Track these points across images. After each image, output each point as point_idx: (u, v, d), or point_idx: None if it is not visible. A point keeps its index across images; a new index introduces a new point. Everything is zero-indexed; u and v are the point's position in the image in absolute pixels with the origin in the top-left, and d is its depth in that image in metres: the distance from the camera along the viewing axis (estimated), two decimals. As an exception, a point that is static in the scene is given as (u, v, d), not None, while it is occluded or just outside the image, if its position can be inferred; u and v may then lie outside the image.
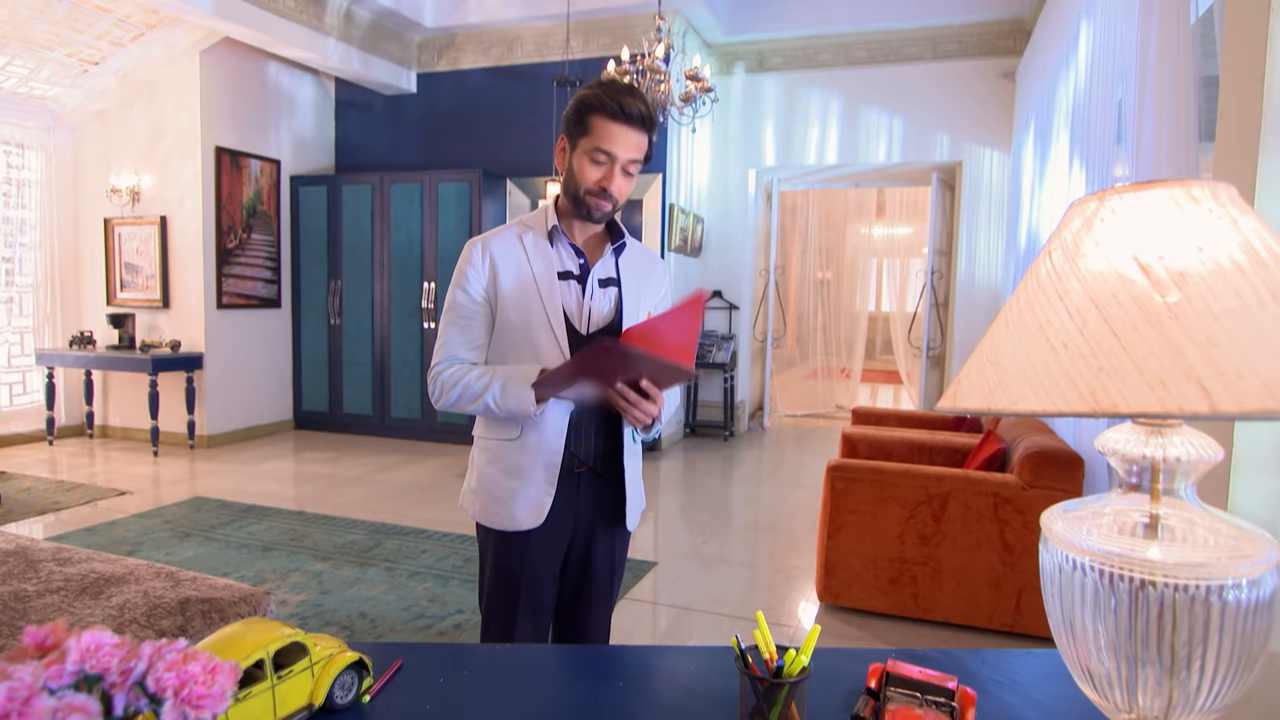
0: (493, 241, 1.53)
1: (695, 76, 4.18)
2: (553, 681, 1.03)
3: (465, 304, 1.53)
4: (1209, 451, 0.69)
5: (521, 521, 1.51)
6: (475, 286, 1.52)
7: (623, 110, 1.44)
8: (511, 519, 1.52)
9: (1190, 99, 2.05)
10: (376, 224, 6.48)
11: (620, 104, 1.44)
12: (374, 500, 4.66)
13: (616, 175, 1.47)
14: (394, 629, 2.89)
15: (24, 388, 6.26)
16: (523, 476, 1.52)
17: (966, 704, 0.87)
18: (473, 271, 1.52)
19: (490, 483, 1.55)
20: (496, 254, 1.52)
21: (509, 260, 1.52)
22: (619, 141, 1.45)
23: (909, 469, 2.98)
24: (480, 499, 1.56)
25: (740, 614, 3.12)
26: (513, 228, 1.57)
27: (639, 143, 1.48)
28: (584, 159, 1.47)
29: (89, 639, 0.65)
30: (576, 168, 1.48)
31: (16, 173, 6.08)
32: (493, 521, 1.54)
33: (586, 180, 1.48)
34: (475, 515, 1.58)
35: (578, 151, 1.48)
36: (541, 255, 1.53)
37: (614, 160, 1.46)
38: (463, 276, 1.53)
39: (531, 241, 1.54)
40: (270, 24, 5.36)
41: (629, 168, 1.49)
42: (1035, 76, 4.99)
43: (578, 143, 1.48)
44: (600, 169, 1.47)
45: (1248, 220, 0.65)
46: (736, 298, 7.05)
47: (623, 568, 1.69)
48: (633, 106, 1.45)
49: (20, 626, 1.72)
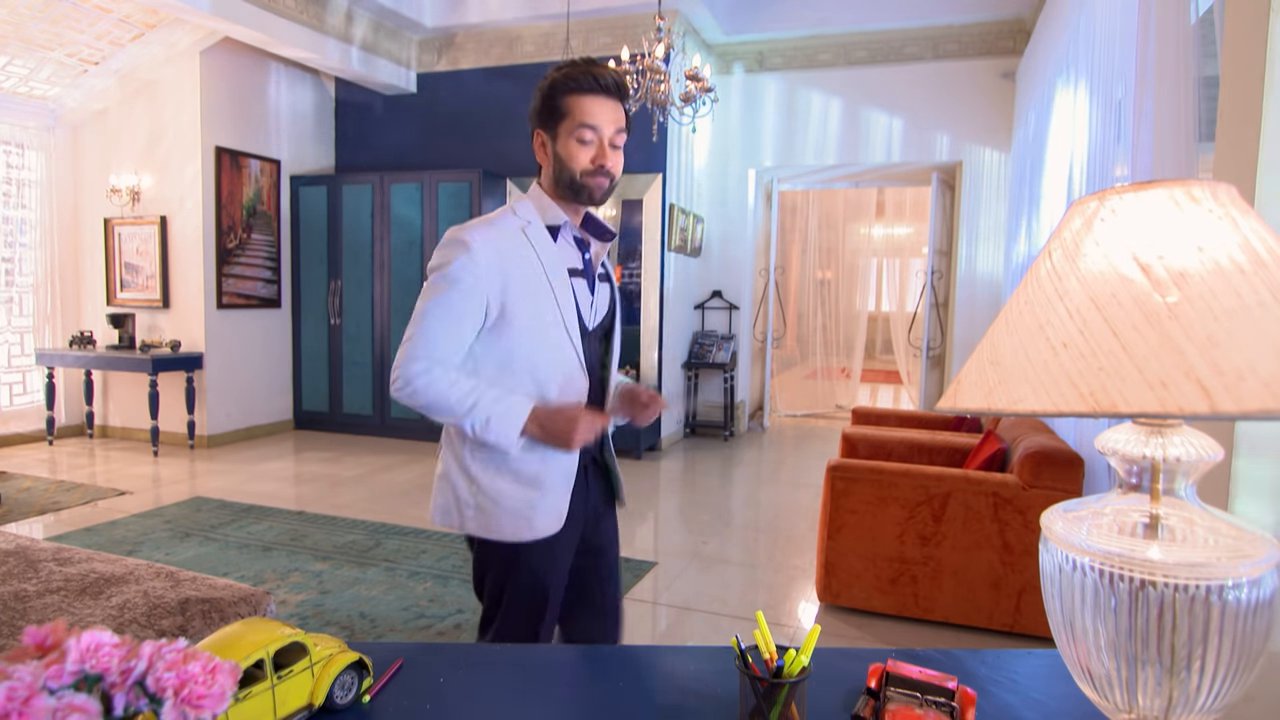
0: (494, 237, 1.42)
1: (695, 76, 4.18)
2: (553, 681, 1.03)
3: (460, 303, 1.39)
4: (1209, 451, 0.69)
5: (541, 529, 1.47)
6: (476, 285, 1.39)
7: (597, 81, 1.41)
8: (531, 529, 1.46)
9: (1190, 99, 2.05)
10: (376, 224, 6.48)
11: (593, 75, 1.41)
12: (374, 500, 4.66)
13: (608, 149, 1.44)
14: (394, 629, 2.89)
15: (24, 388, 6.26)
16: (540, 485, 1.47)
17: (966, 704, 0.87)
18: (473, 267, 1.38)
19: (502, 495, 1.47)
20: (504, 252, 1.42)
21: (519, 258, 1.43)
22: (600, 114, 1.42)
23: (909, 469, 2.98)
24: (487, 514, 1.47)
25: (740, 614, 3.12)
26: (509, 219, 1.46)
27: (618, 112, 1.45)
28: (570, 142, 1.43)
29: (89, 639, 0.65)
30: (565, 154, 1.43)
31: (16, 173, 6.08)
32: (508, 534, 1.47)
33: (580, 163, 1.43)
34: (479, 531, 1.48)
35: (561, 137, 1.44)
36: (550, 251, 1.47)
37: (600, 134, 1.43)
38: (462, 271, 1.38)
39: (536, 236, 1.46)
40: (270, 24, 5.36)
41: (615, 139, 1.45)
42: (1035, 76, 4.99)
43: (558, 129, 1.44)
44: (589, 148, 1.43)
45: (1248, 220, 0.65)
46: (736, 298, 7.05)
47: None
48: (605, 76, 1.42)
49: (20, 626, 1.72)
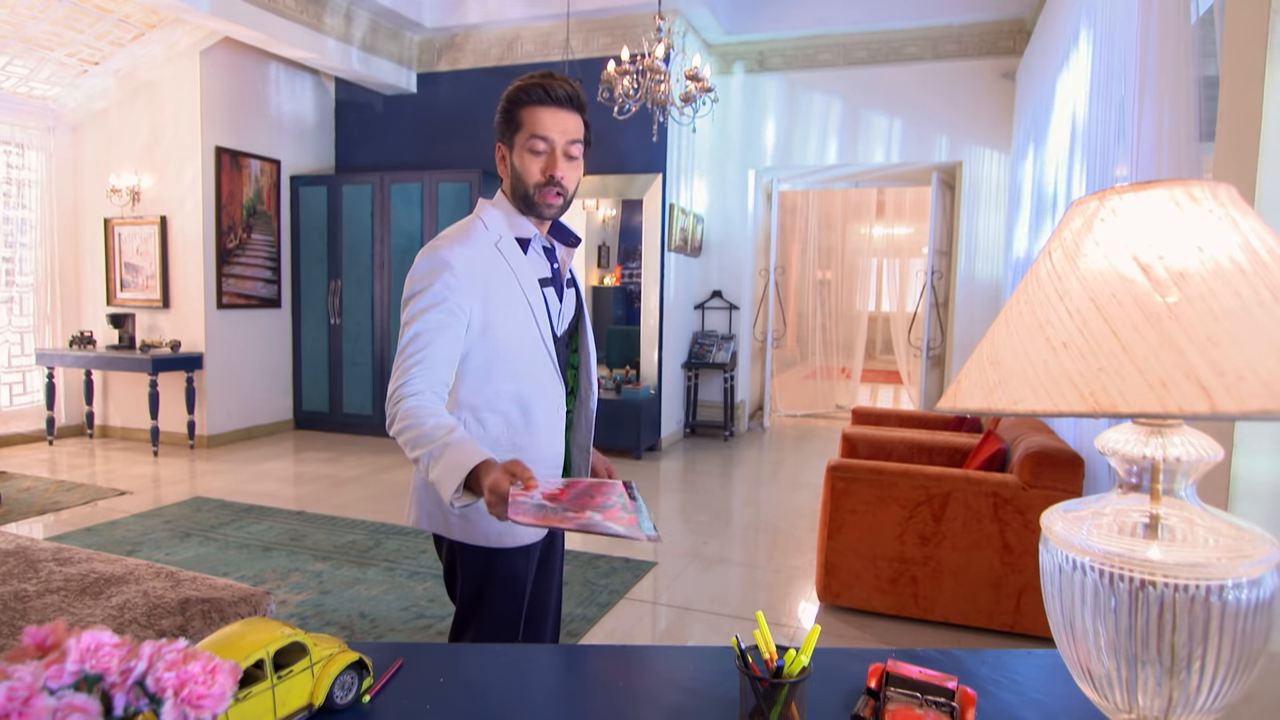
0: (472, 255, 1.41)
1: (695, 76, 4.18)
2: (553, 681, 1.03)
3: (451, 323, 1.37)
4: (1209, 451, 0.69)
5: (525, 536, 1.49)
6: (461, 303, 1.38)
7: (548, 93, 1.42)
8: (514, 536, 1.48)
9: (1190, 99, 2.05)
10: (376, 224, 6.48)
11: (544, 88, 1.42)
12: (374, 500, 4.66)
13: (560, 159, 1.43)
14: (394, 629, 2.89)
15: (24, 388, 6.26)
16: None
17: (966, 704, 0.87)
18: (456, 285, 1.37)
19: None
20: (482, 268, 1.42)
21: (495, 274, 1.43)
22: (551, 125, 1.42)
23: (909, 469, 2.98)
24: (471, 520, 1.47)
25: (740, 614, 3.12)
26: (482, 234, 1.46)
27: (573, 124, 1.45)
28: (523, 154, 1.43)
29: (89, 639, 0.65)
30: (519, 166, 1.44)
31: (16, 173, 6.08)
32: (493, 540, 1.48)
33: (531, 175, 1.43)
34: (463, 536, 1.48)
35: (515, 149, 1.44)
36: (522, 264, 1.47)
37: (552, 145, 1.43)
38: (447, 290, 1.37)
39: (509, 250, 1.46)
40: (270, 24, 5.36)
41: (570, 150, 1.45)
42: (1035, 76, 4.99)
43: (514, 140, 1.45)
44: (540, 158, 1.43)
45: (1248, 220, 0.65)
46: (736, 298, 7.05)
47: None
48: (558, 88, 1.42)
49: (20, 626, 1.72)
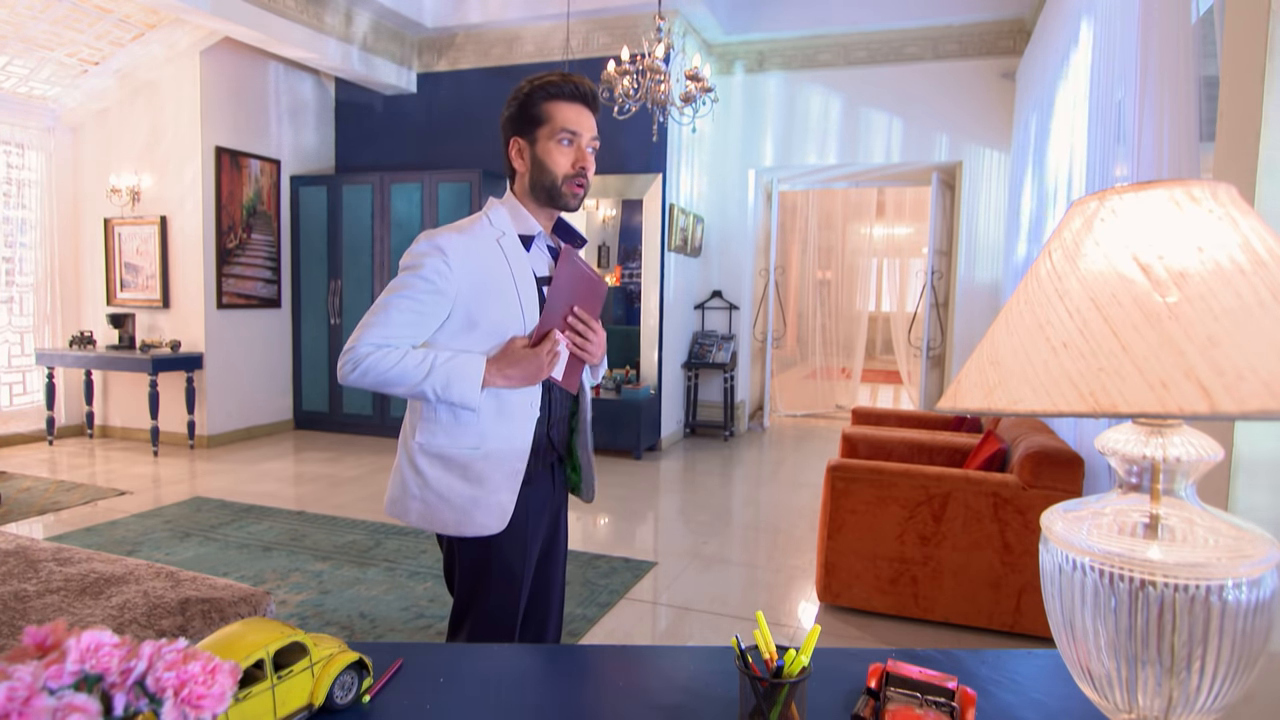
0: (469, 245, 1.44)
1: (695, 76, 4.17)
2: (553, 681, 1.03)
3: (428, 301, 1.42)
4: (1209, 451, 0.69)
5: (482, 526, 1.47)
6: (444, 289, 1.42)
7: (578, 89, 1.46)
8: (472, 524, 1.47)
9: (1190, 99, 2.05)
10: (376, 224, 6.48)
11: (574, 85, 1.46)
12: (374, 500, 4.66)
13: (588, 154, 1.48)
14: (394, 629, 2.89)
15: (24, 388, 6.26)
16: (485, 483, 1.46)
17: (966, 704, 0.87)
18: (446, 271, 1.41)
19: (448, 491, 1.46)
20: (477, 260, 1.44)
21: (490, 268, 1.45)
22: (580, 121, 1.47)
23: (909, 469, 2.98)
24: (431, 507, 1.47)
25: (740, 614, 3.12)
26: (485, 229, 1.48)
27: (593, 122, 1.50)
28: (551, 147, 1.46)
29: (89, 639, 0.65)
30: (545, 159, 1.46)
31: (16, 173, 6.08)
32: (451, 529, 1.48)
33: (560, 167, 1.46)
34: (420, 523, 1.49)
35: (540, 143, 1.47)
36: (522, 261, 1.49)
37: (580, 140, 1.47)
38: (434, 274, 1.41)
39: (510, 246, 1.48)
40: (270, 24, 5.36)
41: (593, 144, 1.49)
42: (1035, 76, 4.99)
43: (537, 134, 1.47)
44: (570, 152, 1.46)
45: (1248, 220, 0.65)
46: (736, 298, 7.05)
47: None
48: (584, 86, 1.48)
49: (20, 626, 1.72)
